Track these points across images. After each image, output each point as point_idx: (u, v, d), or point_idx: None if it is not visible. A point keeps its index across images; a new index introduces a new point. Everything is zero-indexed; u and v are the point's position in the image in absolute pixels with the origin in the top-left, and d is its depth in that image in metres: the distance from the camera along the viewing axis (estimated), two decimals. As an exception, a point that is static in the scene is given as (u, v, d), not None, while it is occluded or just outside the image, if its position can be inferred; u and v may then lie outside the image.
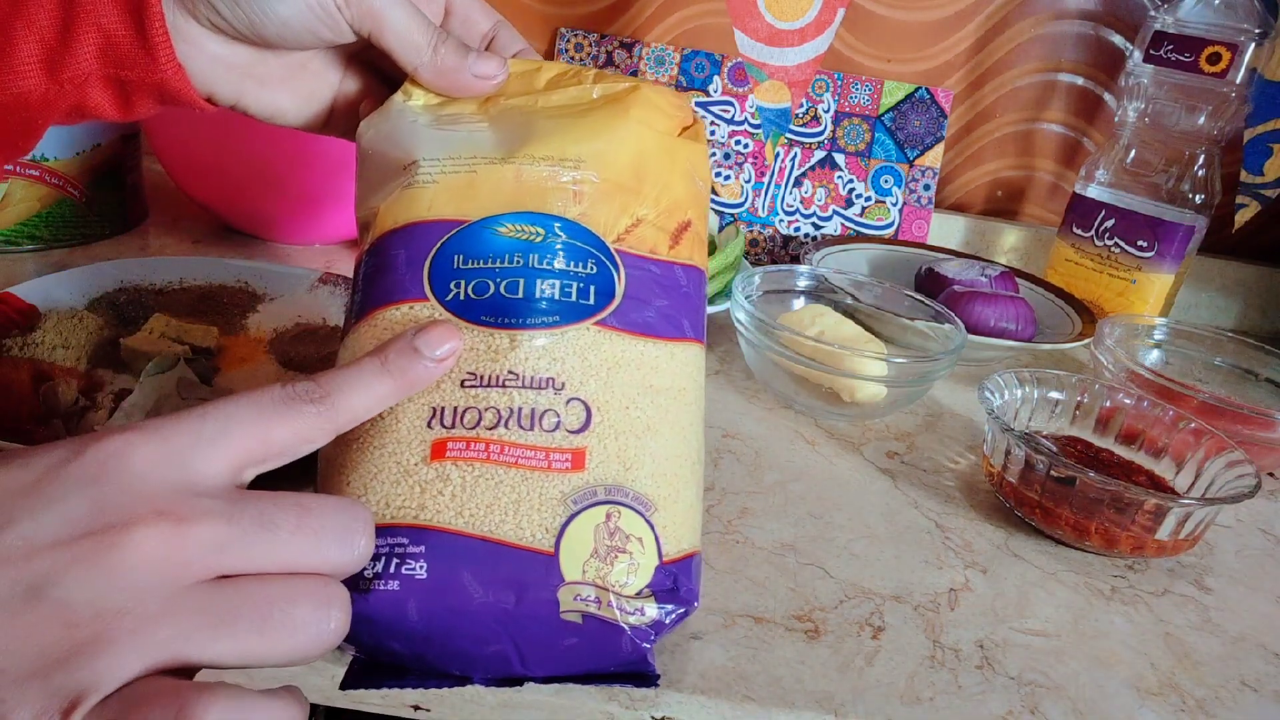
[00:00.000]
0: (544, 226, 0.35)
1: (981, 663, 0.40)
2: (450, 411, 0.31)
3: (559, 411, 0.32)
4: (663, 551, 0.31)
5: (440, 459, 0.31)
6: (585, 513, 0.31)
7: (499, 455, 0.31)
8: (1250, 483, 0.48)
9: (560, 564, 0.30)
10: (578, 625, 0.30)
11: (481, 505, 0.30)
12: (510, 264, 0.34)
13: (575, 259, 0.34)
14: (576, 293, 0.34)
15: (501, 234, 0.34)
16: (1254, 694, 0.41)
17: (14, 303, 0.53)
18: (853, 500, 0.51)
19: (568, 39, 0.88)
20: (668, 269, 0.36)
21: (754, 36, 0.76)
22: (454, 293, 0.33)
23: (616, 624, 0.30)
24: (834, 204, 0.89)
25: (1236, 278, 0.92)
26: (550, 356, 0.33)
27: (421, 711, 0.36)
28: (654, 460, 0.32)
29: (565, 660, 0.30)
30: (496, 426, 0.31)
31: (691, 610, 0.31)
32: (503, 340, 0.32)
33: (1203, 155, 0.76)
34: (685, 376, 0.35)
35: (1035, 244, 0.93)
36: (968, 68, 0.90)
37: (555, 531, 0.30)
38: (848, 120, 0.89)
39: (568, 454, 0.31)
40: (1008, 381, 0.55)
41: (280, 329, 0.57)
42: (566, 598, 0.30)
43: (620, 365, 0.33)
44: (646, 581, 0.31)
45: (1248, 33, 0.71)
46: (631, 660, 0.30)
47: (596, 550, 0.30)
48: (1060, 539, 0.49)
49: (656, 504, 0.32)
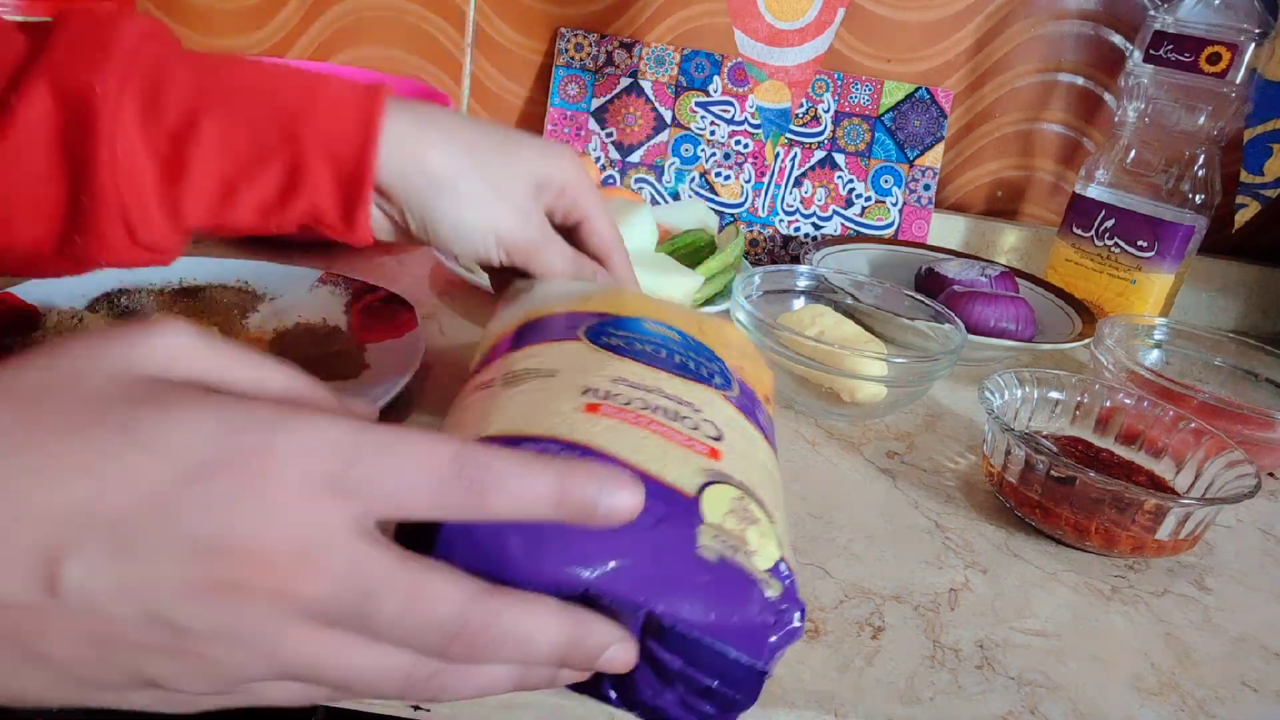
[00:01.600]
0: (678, 333, 0.42)
1: (981, 663, 0.40)
2: (603, 392, 0.34)
3: (697, 422, 0.35)
4: (783, 550, 0.32)
5: (594, 413, 0.33)
6: (723, 484, 0.32)
7: (647, 424, 0.33)
8: (1250, 483, 0.48)
9: (701, 506, 0.31)
10: (711, 564, 0.30)
11: (630, 445, 0.32)
12: (653, 339, 0.40)
13: (703, 355, 0.41)
14: (705, 371, 0.40)
15: (646, 325, 0.41)
16: (1254, 694, 0.41)
17: (14, 303, 0.53)
18: (853, 500, 0.51)
19: (568, 39, 0.88)
20: (761, 406, 0.43)
21: (754, 36, 0.76)
22: (604, 341, 0.39)
23: (751, 575, 0.30)
24: (834, 204, 0.89)
25: (1236, 278, 0.92)
26: (687, 391, 0.37)
27: (421, 711, 0.36)
28: (767, 490, 0.35)
29: (691, 596, 0.30)
30: (644, 411, 0.34)
31: (799, 633, 0.31)
32: (645, 370, 0.37)
33: (1203, 155, 0.76)
34: (776, 471, 0.39)
35: (1035, 244, 0.93)
36: (968, 68, 0.90)
37: (697, 485, 0.31)
38: (848, 120, 0.89)
39: (706, 446, 0.34)
40: (1008, 381, 0.55)
41: (280, 329, 0.57)
42: (705, 535, 0.30)
43: (736, 426, 0.37)
44: (770, 565, 0.31)
45: (1248, 33, 0.71)
46: (754, 630, 0.30)
47: (734, 511, 0.31)
48: (1060, 539, 0.49)
49: (774, 517, 0.34)
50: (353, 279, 0.63)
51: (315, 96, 0.38)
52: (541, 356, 0.38)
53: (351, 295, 0.62)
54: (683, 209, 0.81)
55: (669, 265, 0.67)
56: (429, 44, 0.90)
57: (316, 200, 0.39)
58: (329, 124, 0.38)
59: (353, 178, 0.39)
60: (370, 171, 0.39)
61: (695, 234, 0.75)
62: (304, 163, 0.38)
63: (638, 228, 0.68)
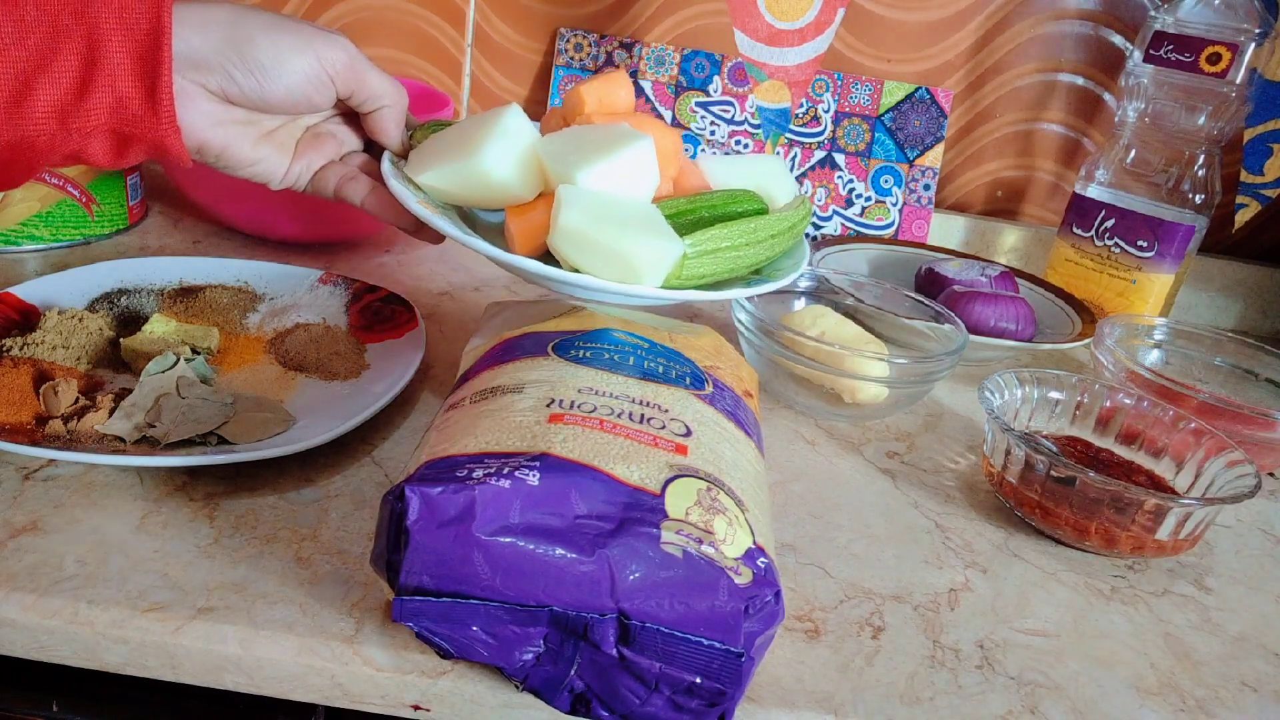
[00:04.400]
0: (647, 341, 0.43)
1: (981, 663, 0.40)
2: (568, 402, 0.36)
3: (664, 422, 0.36)
4: (755, 536, 0.33)
5: (558, 422, 0.34)
6: (689, 478, 0.33)
7: (611, 429, 0.34)
8: (1250, 483, 0.48)
9: (665, 503, 0.32)
10: (677, 559, 0.31)
11: (593, 449, 0.33)
12: (621, 348, 0.41)
13: (673, 359, 0.42)
14: (675, 374, 0.41)
15: (616, 334, 0.42)
16: (1254, 694, 0.41)
17: (14, 303, 0.53)
18: (853, 500, 0.51)
19: (568, 39, 0.88)
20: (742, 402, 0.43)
21: (754, 36, 0.76)
22: (572, 354, 0.40)
23: (717, 563, 0.31)
24: (834, 204, 0.89)
25: (1236, 278, 0.92)
26: (655, 394, 0.38)
27: (421, 711, 0.36)
28: (740, 479, 0.36)
29: (658, 594, 0.30)
30: (608, 418, 0.35)
31: (779, 614, 0.32)
32: (612, 378, 0.38)
33: (1203, 155, 0.76)
34: (757, 462, 0.39)
35: (1035, 244, 0.93)
36: (968, 68, 0.90)
37: (661, 481, 0.32)
38: (848, 120, 0.89)
39: (672, 443, 0.35)
40: (1008, 381, 0.55)
41: (280, 329, 0.57)
42: (668, 531, 0.31)
43: (708, 422, 0.38)
44: (741, 552, 0.32)
45: (1248, 33, 0.71)
46: (725, 617, 0.31)
47: (700, 503, 0.32)
48: (1060, 539, 0.49)
49: (745, 505, 0.34)
50: (353, 279, 0.63)
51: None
52: (511, 374, 0.38)
53: (351, 295, 0.62)
54: (748, 164, 0.52)
55: (650, 223, 0.43)
56: (429, 44, 0.90)
57: (117, 82, 0.38)
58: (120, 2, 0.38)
59: (150, 47, 0.38)
60: (168, 35, 0.38)
61: (732, 196, 0.48)
62: (99, 42, 0.37)
63: (626, 163, 0.43)
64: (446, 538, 0.30)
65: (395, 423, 0.50)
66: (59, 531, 0.39)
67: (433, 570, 0.30)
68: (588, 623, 0.31)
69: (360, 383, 0.52)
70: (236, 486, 0.43)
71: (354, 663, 0.35)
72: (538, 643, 0.31)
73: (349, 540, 0.41)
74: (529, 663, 0.32)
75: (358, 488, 0.44)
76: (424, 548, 0.30)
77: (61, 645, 0.35)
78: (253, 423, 0.46)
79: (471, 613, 0.31)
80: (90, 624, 0.35)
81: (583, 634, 0.31)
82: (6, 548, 0.37)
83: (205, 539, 0.39)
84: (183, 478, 0.43)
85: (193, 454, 0.41)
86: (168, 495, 0.42)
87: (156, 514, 0.41)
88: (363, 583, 0.38)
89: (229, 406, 0.47)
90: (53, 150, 0.39)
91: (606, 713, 0.32)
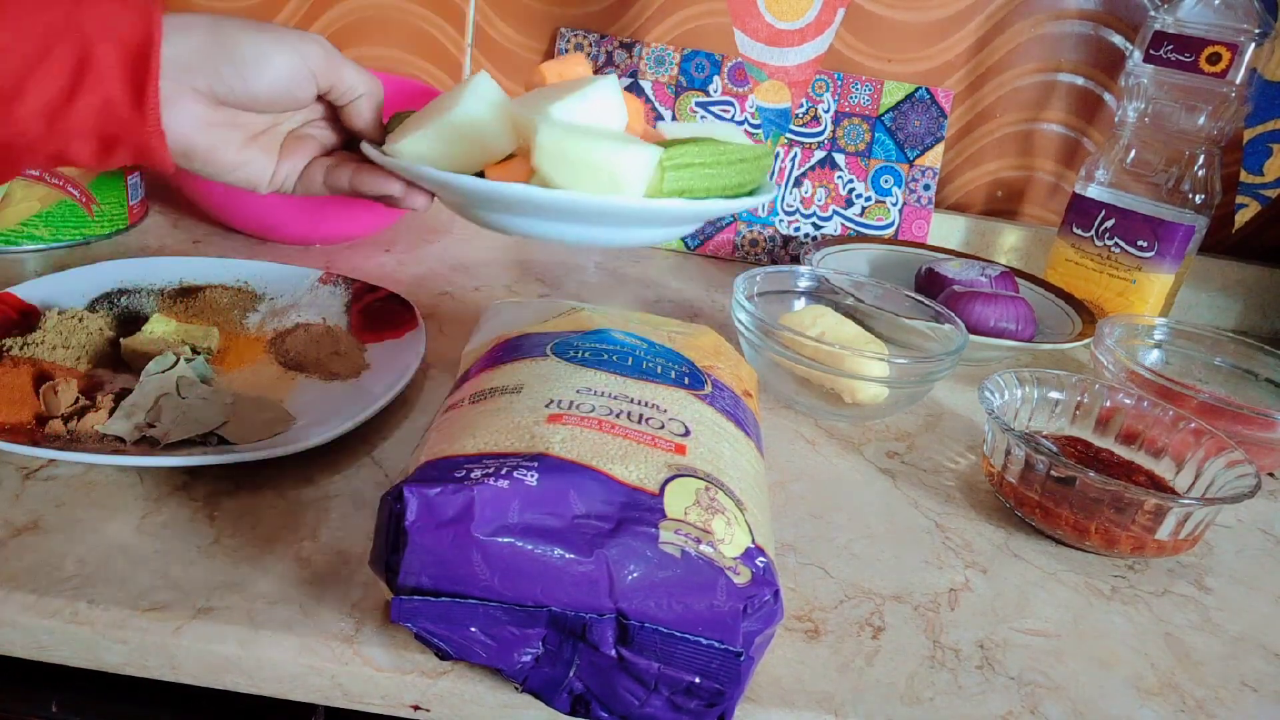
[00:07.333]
0: (646, 343, 0.43)
1: (981, 663, 0.40)
2: (567, 402, 0.36)
3: (663, 421, 0.36)
4: (754, 536, 0.33)
5: (556, 423, 0.34)
6: (687, 478, 0.33)
7: (609, 429, 0.34)
8: (1250, 483, 0.48)
9: (663, 503, 0.32)
10: (675, 559, 0.31)
11: (591, 449, 0.33)
12: (620, 348, 0.42)
13: (672, 359, 0.42)
14: (674, 374, 0.41)
15: (614, 335, 0.43)
16: (1254, 694, 0.41)
17: (14, 303, 0.53)
18: (853, 500, 0.51)
19: (567, 39, 0.88)
20: (741, 402, 0.43)
21: (754, 36, 0.76)
22: (571, 355, 0.40)
23: (715, 563, 0.31)
24: (834, 204, 0.89)
25: (1236, 278, 0.92)
26: (653, 394, 0.38)
27: (421, 711, 0.36)
28: (739, 479, 0.36)
29: (657, 594, 0.30)
30: (607, 418, 0.35)
31: (778, 614, 0.32)
32: (610, 378, 0.38)
33: (1203, 155, 0.76)
34: (756, 462, 0.39)
35: (1035, 244, 0.93)
36: (968, 68, 0.90)
37: (659, 481, 0.32)
38: (848, 120, 0.89)
39: (671, 443, 0.35)
40: (1008, 381, 0.55)
41: (280, 329, 0.57)
42: (666, 531, 0.31)
43: (706, 421, 0.38)
44: (740, 552, 0.32)
45: (1248, 33, 0.71)
46: (723, 617, 0.31)
47: (699, 502, 0.32)
48: (1060, 539, 0.49)
49: (744, 505, 0.34)
50: (353, 279, 0.63)
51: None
52: (510, 375, 0.38)
53: (351, 295, 0.62)
54: (707, 127, 0.54)
55: (626, 138, 0.46)
56: (429, 44, 0.90)
57: (106, 86, 0.38)
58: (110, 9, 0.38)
59: (140, 54, 0.39)
60: (157, 44, 0.39)
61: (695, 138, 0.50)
62: (90, 48, 0.38)
63: (595, 98, 0.46)
64: (445, 538, 0.30)
65: (395, 423, 0.50)
66: (59, 531, 0.39)
67: (431, 571, 0.30)
68: (586, 623, 0.31)
69: (360, 383, 0.52)
70: (236, 486, 0.43)
71: (354, 663, 0.35)
72: (536, 644, 0.31)
73: (349, 540, 0.41)
74: (528, 664, 0.32)
75: (358, 488, 0.44)
76: (422, 548, 0.30)
77: (61, 645, 0.35)
78: (253, 423, 0.46)
79: (470, 613, 0.31)
80: (90, 624, 0.35)
81: (581, 634, 0.31)
82: (6, 548, 0.37)
83: (205, 539, 0.39)
84: (183, 478, 0.43)
85: (193, 454, 0.41)
86: (168, 495, 0.42)
87: (156, 514, 0.41)
88: (363, 583, 0.38)
89: (229, 406, 0.47)
90: (36, 151, 0.39)
91: (606, 714, 0.32)
